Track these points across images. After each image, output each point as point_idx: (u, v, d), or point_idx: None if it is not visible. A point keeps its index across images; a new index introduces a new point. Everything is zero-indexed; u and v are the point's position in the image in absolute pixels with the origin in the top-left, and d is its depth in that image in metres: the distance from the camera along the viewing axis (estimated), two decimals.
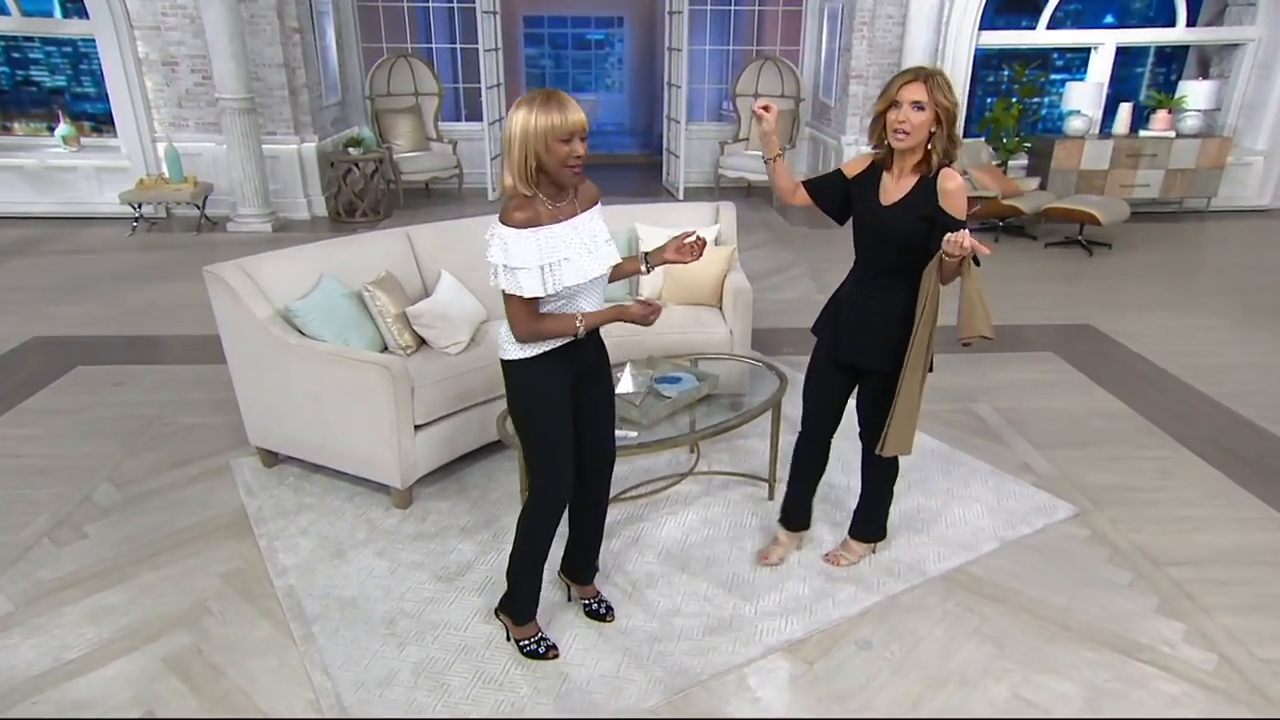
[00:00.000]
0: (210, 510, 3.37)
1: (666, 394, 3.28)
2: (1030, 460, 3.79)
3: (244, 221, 7.80)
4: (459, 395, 3.45)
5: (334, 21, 8.92)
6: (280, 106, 8.04)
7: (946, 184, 2.38)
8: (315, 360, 3.26)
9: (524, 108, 2.10)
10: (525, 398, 2.33)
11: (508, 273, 2.16)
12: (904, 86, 2.34)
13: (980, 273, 2.43)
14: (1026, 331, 5.50)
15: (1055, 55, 9.36)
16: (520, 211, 2.14)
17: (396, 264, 3.83)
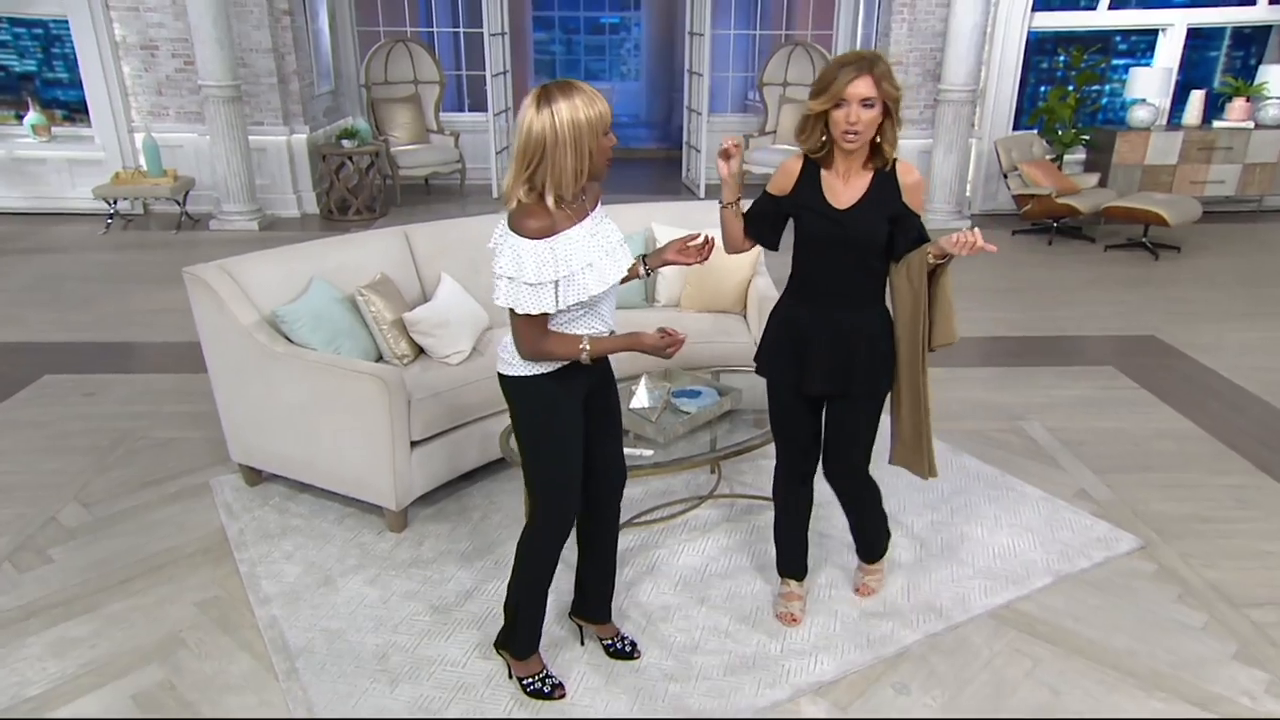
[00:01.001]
0: (187, 533, 3.40)
1: (685, 409, 3.28)
2: (1088, 486, 3.77)
3: (228, 219, 7.90)
4: (459, 409, 3.47)
5: (327, 3, 9.05)
6: (268, 95, 8.15)
7: (907, 178, 2.38)
8: (303, 370, 3.29)
9: (564, 100, 2.02)
10: (533, 415, 2.32)
11: (515, 286, 2.14)
12: (850, 83, 2.27)
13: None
14: (1084, 343, 5.48)
15: (1117, 38, 9.33)
16: (535, 219, 2.10)
17: (393, 266, 3.86)
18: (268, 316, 3.43)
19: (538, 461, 2.37)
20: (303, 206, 8.52)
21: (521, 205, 2.12)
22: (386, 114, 9.22)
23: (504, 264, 2.15)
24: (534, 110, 2.05)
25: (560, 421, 2.32)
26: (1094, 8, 8.66)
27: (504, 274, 2.15)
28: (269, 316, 3.43)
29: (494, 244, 2.23)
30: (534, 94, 2.07)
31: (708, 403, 3.32)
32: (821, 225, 2.41)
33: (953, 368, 4.98)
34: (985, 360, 5.21)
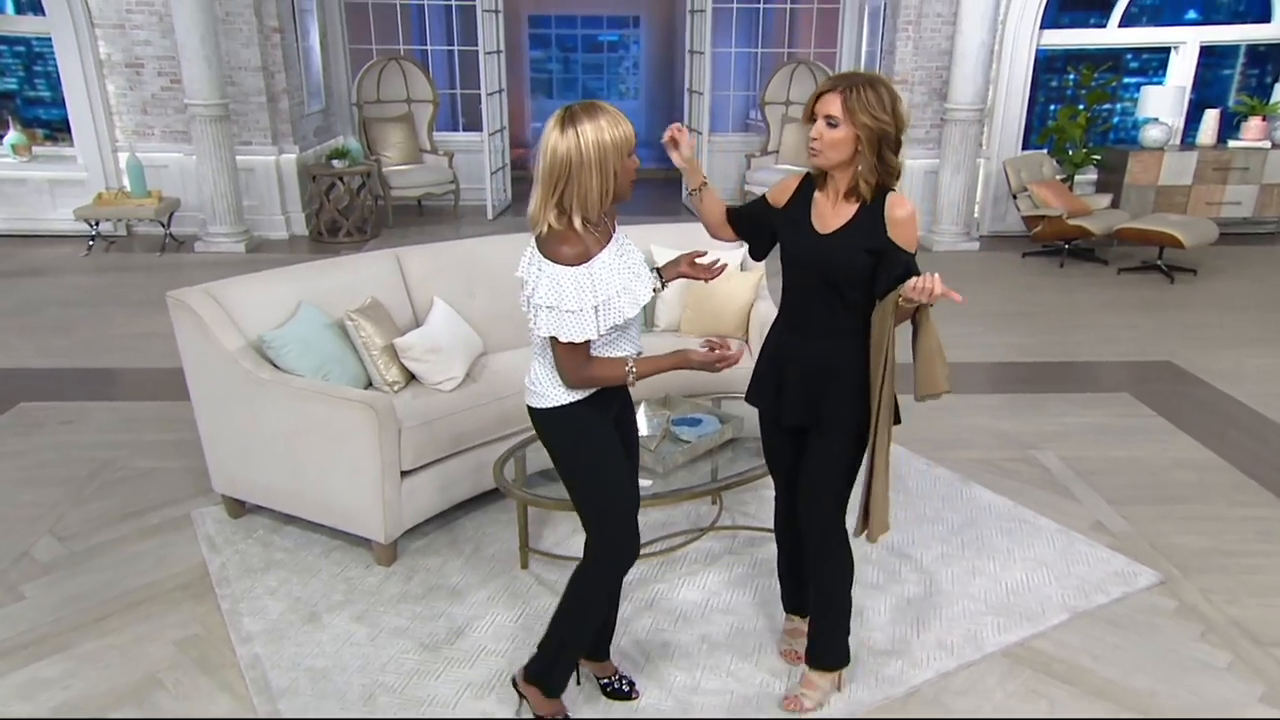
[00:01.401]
0: (166, 568, 3.38)
1: (685, 438, 3.28)
2: (1104, 518, 3.76)
3: (214, 241, 7.93)
4: (452, 438, 3.47)
5: (318, 21, 9.14)
6: (257, 114, 8.21)
7: (895, 211, 2.30)
8: (290, 397, 3.29)
9: (588, 121, 2.07)
10: (578, 446, 2.33)
11: (557, 315, 2.15)
12: (820, 97, 2.28)
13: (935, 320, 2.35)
14: (1097, 369, 5.49)
15: (1128, 56, 9.42)
16: (570, 245, 2.13)
17: (384, 290, 3.87)
18: (253, 342, 3.44)
19: (590, 492, 2.36)
20: (291, 228, 8.56)
21: (554, 231, 2.14)
22: (379, 133, 9.28)
23: (543, 293, 2.15)
24: (558, 132, 2.08)
25: (602, 447, 2.34)
26: (1104, 25, 8.76)
27: (543, 303, 2.16)
28: (255, 342, 3.44)
29: (523, 273, 2.24)
30: (558, 115, 2.11)
31: (708, 431, 3.32)
32: (801, 246, 2.40)
33: (961, 394, 4.98)
34: (995, 386, 5.22)
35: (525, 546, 3.34)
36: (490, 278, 4.13)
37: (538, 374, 2.32)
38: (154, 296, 6.14)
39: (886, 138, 2.24)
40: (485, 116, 9.05)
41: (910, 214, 2.31)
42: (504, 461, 3.28)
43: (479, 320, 4.03)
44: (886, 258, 2.28)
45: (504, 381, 3.72)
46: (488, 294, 4.11)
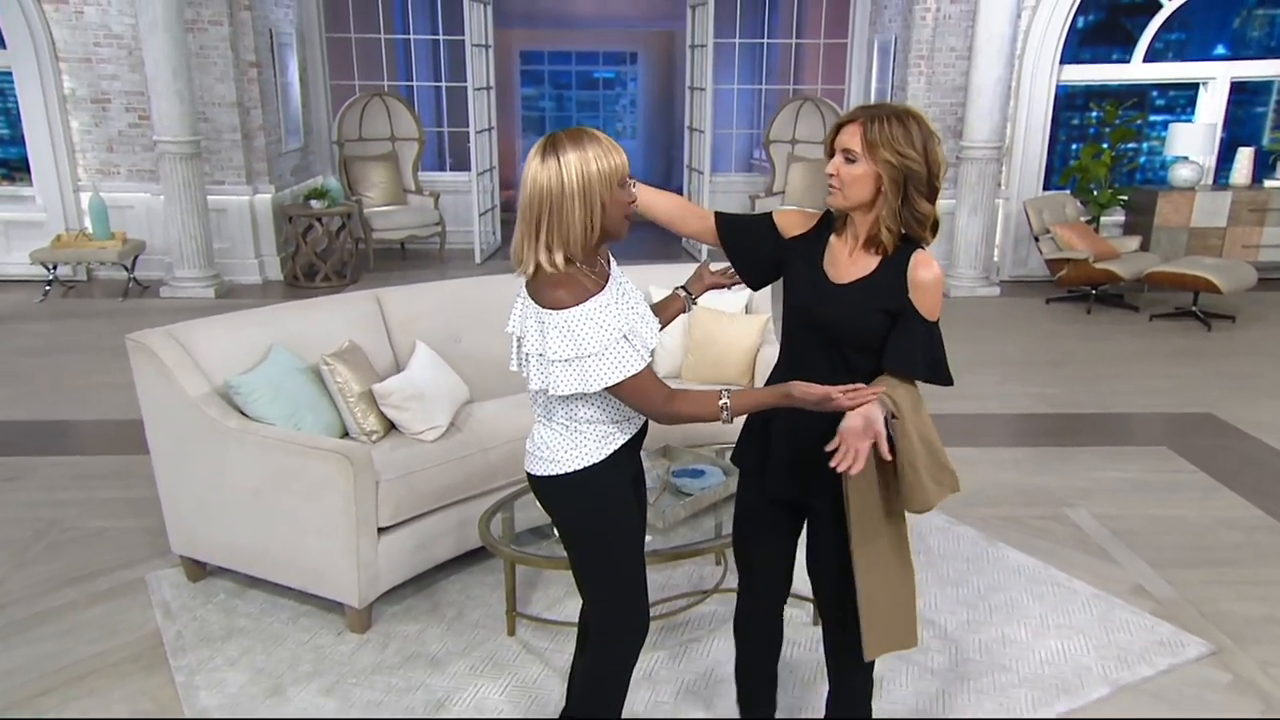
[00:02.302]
0: (116, 636, 3.31)
1: (686, 491, 3.24)
2: (1146, 582, 3.70)
3: (181, 286, 7.94)
4: (434, 492, 3.43)
5: (298, 55, 9.29)
6: (230, 152, 8.30)
7: (919, 272, 2.15)
8: (258, 447, 3.25)
9: (574, 150, 2.01)
10: (594, 517, 2.24)
11: (583, 365, 2.05)
12: (840, 129, 2.16)
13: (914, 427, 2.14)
14: (1132, 421, 5.48)
15: (1154, 93, 9.57)
16: (566, 289, 2.04)
17: (363, 333, 3.86)
18: (219, 388, 3.41)
19: (602, 568, 2.28)
20: (265, 272, 8.59)
21: (545, 276, 2.06)
22: (360, 173, 9.37)
23: (556, 347, 2.05)
24: (539, 160, 2.04)
25: (621, 517, 2.26)
26: (1128, 61, 8.90)
27: (559, 357, 2.06)
28: (221, 388, 3.41)
29: (516, 328, 2.17)
30: (539, 145, 2.06)
31: (712, 483, 3.29)
32: (808, 294, 2.25)
33: (986, 448, 4.98)
34: (1020, 439, 5.21)
35: (513, 611, 3.28)
36: (477, 321, 4.12)
37: (544, 438, 2.23)
38: (113, 344, 6.12)
39: (914, 179, 2.10)
40: (473, 155, 9.15)
41: (936, 278, 2.16)
42: (490, 516, 3.24)
43: (465, 366, 4.00)
44: (902, 324, 2.15)
45: (490, 431, 3.70)
46: (474, 338, 4.09)
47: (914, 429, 2.14)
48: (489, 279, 4.41)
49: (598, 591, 2.32)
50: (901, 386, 2.16)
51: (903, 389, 2.16)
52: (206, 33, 8.02)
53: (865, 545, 2.22)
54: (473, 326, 4.11)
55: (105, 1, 8.03)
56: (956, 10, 8.33)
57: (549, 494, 2.27)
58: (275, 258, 8.64)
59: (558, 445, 2.21)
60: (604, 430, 2.21)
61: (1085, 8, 8.73)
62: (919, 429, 2.16)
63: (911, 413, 2.15)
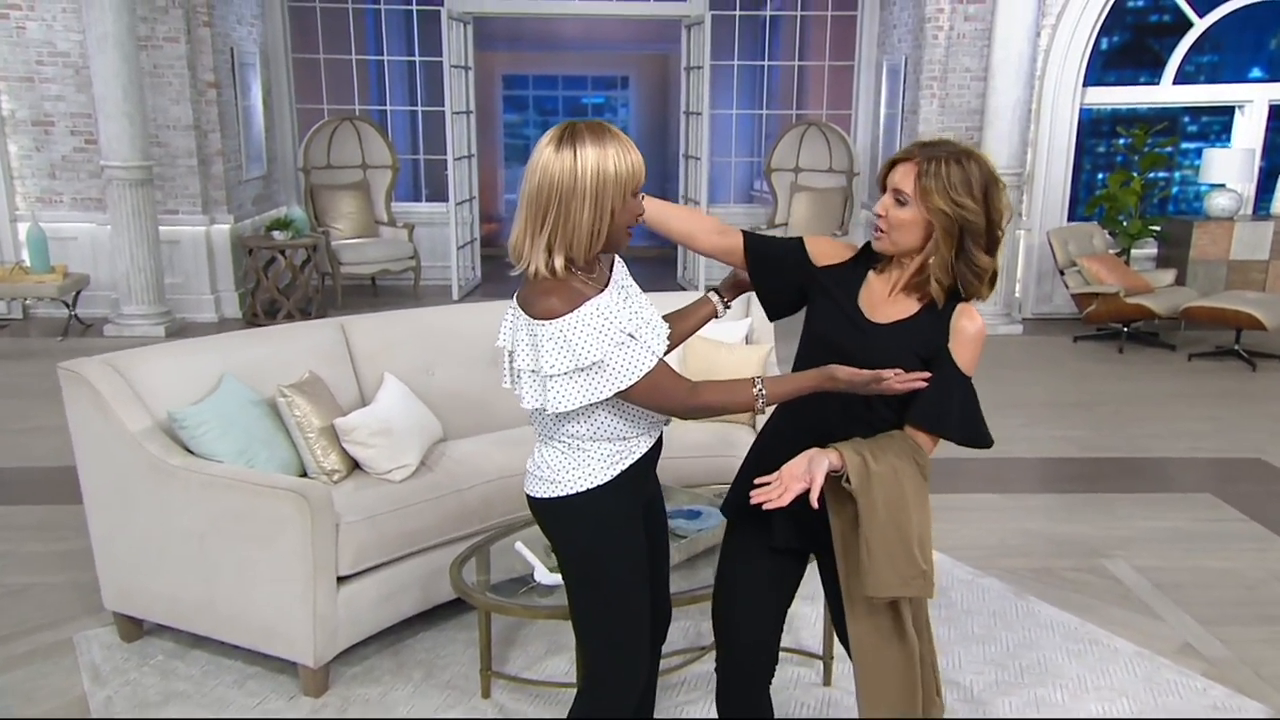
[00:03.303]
0: (34, 705, 3.21)
1: (681, 533, 3.22)
2: (1195, 640, 3.65)
3: (127, 324, 7.89)
4: (402, 537, 3.38)
5: (261, 76, 9.36)
6: (186, 179, 8.31)
7: (962, 321, 2.14)
8: (204, 487, 3.20)
9: (593, 145, 2.00)
10: (602, 544, 2.21)
11: (586, 376, 2.03)
12: (894, 166, 2.16)
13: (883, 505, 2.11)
14: (1172, 466, 5.47)
15: (1186, 119, 9.66)
16: (559, 297, 2.02)
17: (325, 364, 3.83)
18: (163, 422, 3.36)
19: (595, 607, 2.26)
20: (222, 309, 8.56)
21: (537, 283, 2.05)
22: (328, 202, 9.39)
23: (552, 360, 2.03)
24: (553, 148, 2.01)
25: (628, 546, 2.23)
26: (1157, 83, 9.00)
27: (557, 370, 2.03)
28: (165, 422, 3.36)
29: (507, 342, 2.15)
30: (555, 132, 2.05)
31: (710, 525, 3.26)
32: (839, 326, 2.21)
33: (1011, 494, 4.96)
34: (1050, 485, 5.20)
35: (488, 670, 3.21)
36: (453, 352, 4.11)
37: (545, 457, 2.22)
38: (47, 387, 6.02)
39: (971, 230, 2.07)
40: (451, 184, 9.18)
41: (979, 332, 2.15)
42: (463, 562, 3.18)
43: (438, 401, 3.98)
44: (938, 372, 2.12)
45: (466, 472, 3.66)
46: (449, 371, 4.08)
47: (884, 510, 2.10)
48: (466, 307, 4.40)
49: (591, 630, 2.28)
50: (906, 460, 2.13)
51: (906, 465, 2.13)
52: (161, 50, 8.08)
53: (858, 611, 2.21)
54: (448, 358, 4.10)
55: (50, 16, 8.08)
56: (971, 29, 8.44)
57: (549, 518, 2.25)
58: (233, 294, 8.61)
59: (559, 464, 2.19)
60: (610, 449, 2.18)
61: (1109, 28, 8.85)
62: (895, 516, 2.10)
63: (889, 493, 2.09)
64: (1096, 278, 7.68)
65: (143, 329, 7.87)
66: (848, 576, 2.20)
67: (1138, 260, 8.59)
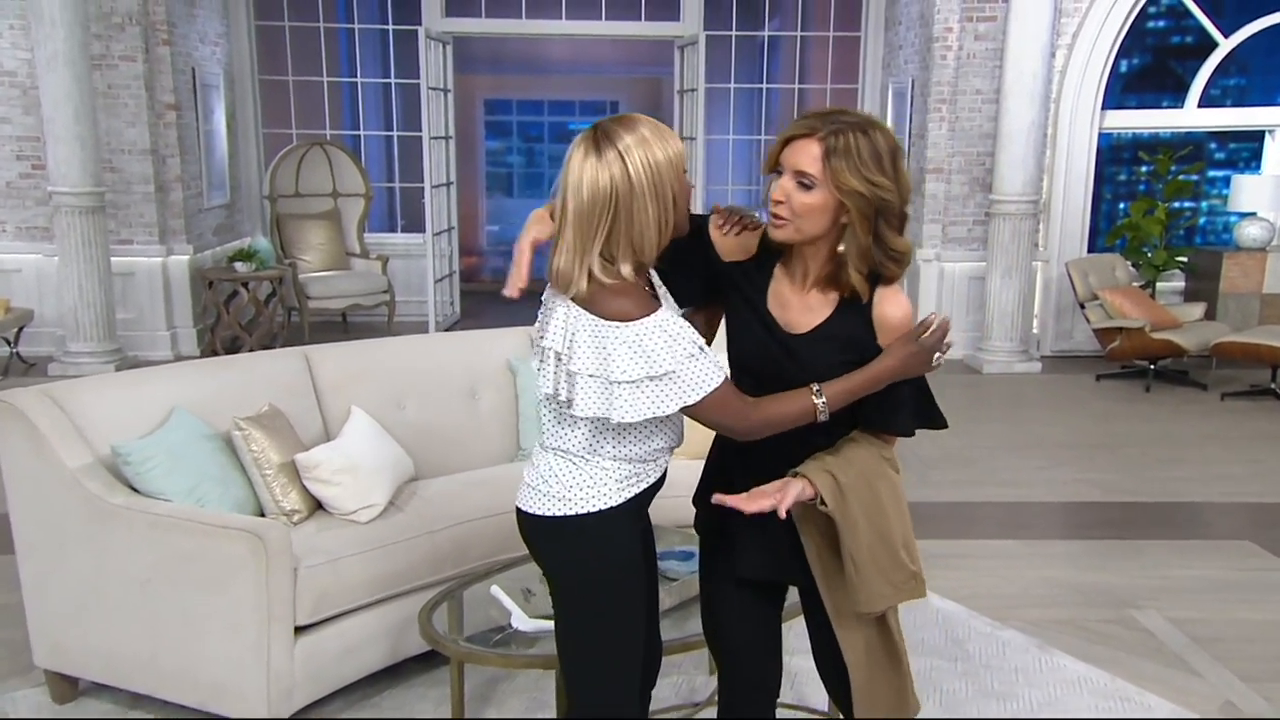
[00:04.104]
0: None
1: (673, 575, 3.17)
2: (1237, 698, 3.60)
3: (74, 362, 7.80)
4: (367, 582, 3.33)
5: (225, 98, 9.39)
6: (141, 206, 8.30)
7: (887, 309, 2.10)
8: (149, 528, 3.14)
9: (630, 136, 1.99)
10: (607, 571, 2.19)
11: (658, 386, 2.01)
12: (790, 143, 2.05)
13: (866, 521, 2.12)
14: (1207, 511, 5.46)
15: (1213, 145, 9.75)
16: (632, 300, 2.02)
17: (287, 396, 3.80)
18: (106, 458, 3.31)
19: (589, 642, 2.24)
20: (178, 346, 8.51)
21: (604, 288, 2.03)
22: (296, 232, 9.36)
23: (624, 367, 2.01)
24: (594, 157, 2.00)
25: (629, 581, 2.22)
26: (1180, 106, 9.07)
27: (626, 378, 2.01)
28: (108, 458, 3.31)
29: (556, 343, 2.10)
30: (586, 139, 2.03)
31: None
32: (755, 347, 2.18)
33: (1031, 540, 4.94)
34: (1075, 531, 5.19)
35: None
36: (427, 385, 4.11)
37: (557, 469, 2.20)
38: None
39: (886, 210, 2.01)
40: (429, 213, 9.19)
41: (908, 314, 2.12)
42: (433, 608, 3.11)
43: (409, 437, 3.96)
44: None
45: (438, 512, 3.62)
46: (422, 405, 4.08)
47: (864, 521, 2.09)
48: (441, 336, 4.36)
49: (582, 669, 2.26)
50: (874, 461, 2.14)
51: (874, 467, 2.13)
52: (117, 70, 8.09)
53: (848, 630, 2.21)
54: (420, 391, 4.09)
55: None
56: (981, 48, 8.51)
57: (550, 539, 2.22)
58: (191, 329, 8.57)
59: (572, 479, 2.17)
60: (629, 470, 2.17)
61: (1128, 49, 8.95)
62: (875, 523, 2.10)
63: (865, 502, 2.10)
64: (1120, 311, 7.68)
65: (91, 368, 7.77)
66: (832, 595, 2.19)
67: (1163, 294, 8.62)
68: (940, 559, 4.49)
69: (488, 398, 4.24)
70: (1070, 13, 8.46)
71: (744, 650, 2.39)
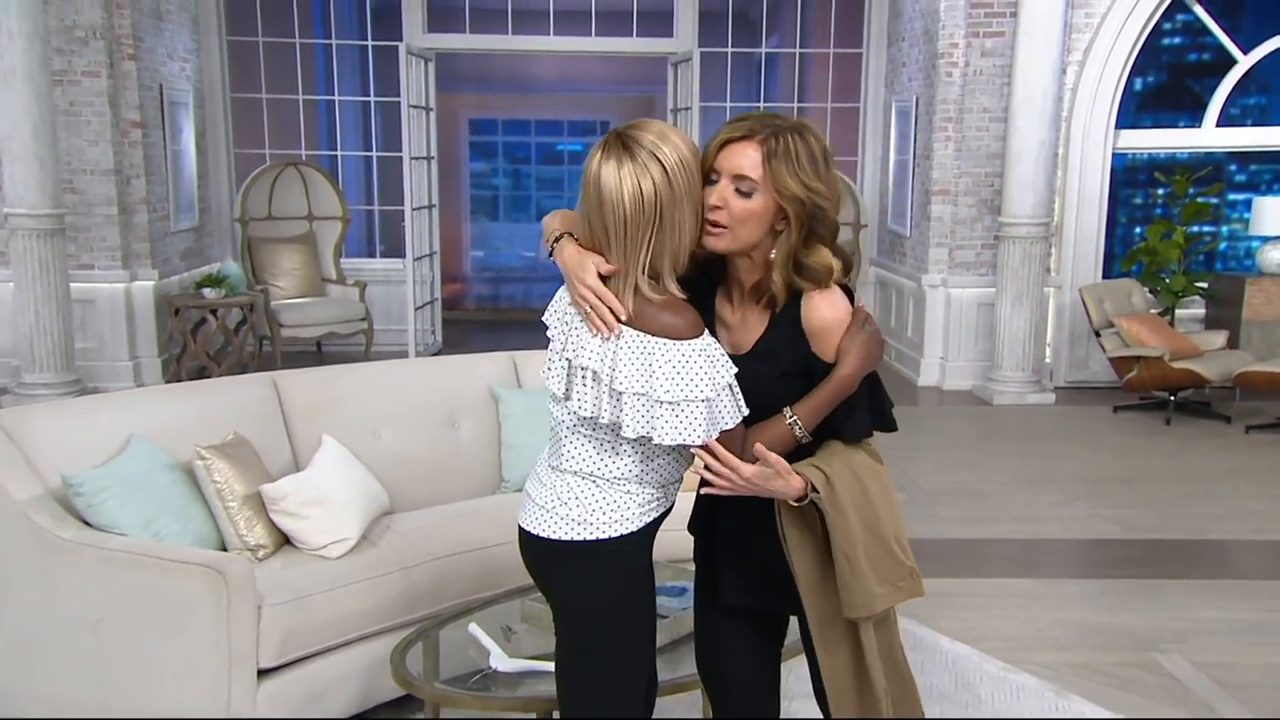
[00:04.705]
0: None
1: (664, 613, 3.10)
2: None
3: (29, 394, 7.71)
4: (337, 622, 3.32)
5: (194, 117, 9.40)
6: (104, 229, 8.28)
7: (812, 314, 2.11)
8: (102, 563, 3.12)
9: (660, 140, 1.99)
10: (618, 600, 2.23)
11: (685, 411, 2.04)
12: (725, 147, 2.06)
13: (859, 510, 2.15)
14: (1233, 550, 5.45)
15: (1233, 167, 9.80)
16: (679, 315, 2.04)
17: (253, 424, 3.80)
18: (56, 490, 3.30)
19: (593, 673, 2.26)
20: (141, 377, 8.46)
21: (649, 302, 2.04)
22: (268, 257, 9.35)
23: (667, 387, 2.02)
24: (628, 163, 1.99)
25: (642, 610, 2.27)
26: (1198, 126, 9.12)
27: (665, 398, 2.02)
28: (59, 489, 3.29)
29: (607, 364, 2.07)
30: (608, 148, 2.04)
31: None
32: None
33: (1046, 579, 4.93)
34: (1091, 570, 5.18)
35: None
36: (404, 413, 4.13)
37: (577, 491, 2.20)
38: None
39: (819, 218, 2.05)
40: (409, 237, 9.17)
41: (838, 316, 2.11)
42: (407, 648, 3.08)
43: (385, 468, 3.97)
44: (821, 380, 2.13)
45: (414, 548, 3.61)
46: (399, 434, 4.09)
47: (855, 515, 2.11)
48: (419, 361, 4.35)
49: (581, 704, 2.27)
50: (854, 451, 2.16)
51: (855, 456, 2.16)
52: (79, 86, 8.08)
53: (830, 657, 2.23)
54: (397, 419, 4.11)
55: None
56: (989, 65, 8.56)
57: (566, 563, 2.23)
58: (155, 360, 8.52)
59: (594, 502, 2.19)
60: (651, 495, 2.21)
61: (1143, 67, 9.01)
62: (865, 516, 2.13)
63: (853, 494, 2.12)
64: (1137, 339, 7.67)
65: (47, 399, 7.73)
66: (817, 603, 2.18)
67: (1183, 321, 8.61)
68: (950, 598, 4.47)
69: (468, 426, 4.23)
70: (1081, 28, 8.51)
71: (736, 688, 2.40)
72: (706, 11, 10.22)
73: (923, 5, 9.01)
